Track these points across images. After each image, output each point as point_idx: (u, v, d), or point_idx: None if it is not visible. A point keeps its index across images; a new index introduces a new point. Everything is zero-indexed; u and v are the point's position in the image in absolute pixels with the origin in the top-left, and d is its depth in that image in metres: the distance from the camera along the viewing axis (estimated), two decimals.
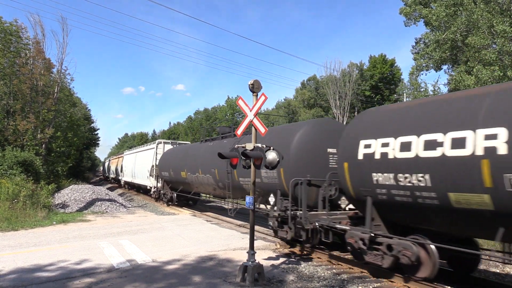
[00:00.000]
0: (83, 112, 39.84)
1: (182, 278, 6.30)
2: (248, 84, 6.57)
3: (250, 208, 6.53)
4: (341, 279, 6.69)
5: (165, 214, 16.18)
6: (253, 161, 6.45)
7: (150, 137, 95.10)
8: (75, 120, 29.67)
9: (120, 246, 8.74)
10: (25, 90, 20.24)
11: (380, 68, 46.83)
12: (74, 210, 15.98)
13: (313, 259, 8.22)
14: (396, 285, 6.43)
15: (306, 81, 54.57)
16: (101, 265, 6.99)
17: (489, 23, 16.43)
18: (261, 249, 8.63)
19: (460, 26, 18.39)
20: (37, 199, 13.84)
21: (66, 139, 25.14)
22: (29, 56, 21.83)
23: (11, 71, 20.77)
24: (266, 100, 6.53)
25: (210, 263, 7.36)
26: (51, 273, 6.49)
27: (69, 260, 7.33)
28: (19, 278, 6.19)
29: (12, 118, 20.54)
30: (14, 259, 7.43)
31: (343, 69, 44.29)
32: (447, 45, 19.73)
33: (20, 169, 16.12)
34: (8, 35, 20.89)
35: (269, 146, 6.71)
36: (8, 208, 12.46)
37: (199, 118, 70.77)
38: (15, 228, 11.12)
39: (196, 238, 9.95)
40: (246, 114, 6.66)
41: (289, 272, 7.00)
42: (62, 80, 24.13)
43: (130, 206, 19.11)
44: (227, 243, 9.21)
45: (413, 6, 21.81)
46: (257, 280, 6.08)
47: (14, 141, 19.36)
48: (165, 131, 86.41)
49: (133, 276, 6.38)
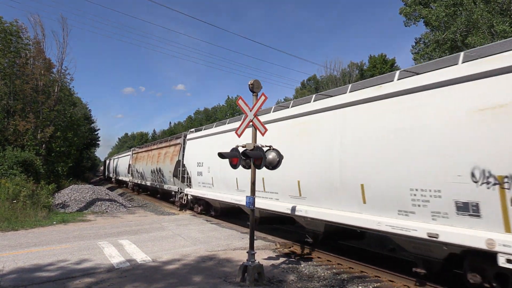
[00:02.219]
0: (83, 112, 39.87)
1: (182, 278, 6.31)
2: (248, 84, 6.58)
3: (250, 208, 6.54)
4: (341, 279, 6.69)
5: (165, 214, 16.18)
6: (253, 161, 6.45)
7: (150, 137, 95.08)
8: (75, 120, 29.67)
9: (120, 246, 8.74)
10: (27, 91, 20.27)
11: (380, 68, 46.79)
12: (74, 210, 15.98)
13: (313, 259, 8.22)
14: (396, 285, 6.44)
15: (306, 81, 54.71)
16: (101, 265, 6.99)
17: (489, 23, 16.46)
18: (261, 249, 8.63)
19: (460, 26, 18.41)
20: (37, 199, 13.84)
21: (66, 139, 25.13)
22: (29, 56, 21.84)
23: (11, 71, 20.79)
24: (266, 100, 6.53)
25: (210, 263, 7.36)
26: (51, 273, 6.50)
27: (69, 260, 7.33)
28: (19, 278, 6.19)
29: (12, 118, 20.56)
30: (14, 259, 7.44)
31: (343, 69, 44.45)
32: (447, 45, 19.75)
33: (20, 169, 16.13)
34: (8, 35, 20.91)
35: (269, 146, 6.72)
36: (8, 208, 12.46)
37: (199, 118, 70.91)
38: (15, 228, 11.13)
39: (196, 238, 9.95)
40: (246, 114, 6.66)
41: (289, 272, 7.00)
42: (62, 80, 24.15)
43: (130, 206, 19.10)
44: (227, 243, 9.21)
45: (413, 6, 21.82)
46: (257, 280, 6.08)
47: (14, 141, 19.37)
48: (165, 131, 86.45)
49: (133, 276, 6.39)
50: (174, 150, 17.45)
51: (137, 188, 28.46)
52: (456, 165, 4.86)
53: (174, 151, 17.51)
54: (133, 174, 27.99)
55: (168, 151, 18.44)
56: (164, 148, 19.41)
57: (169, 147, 18.59)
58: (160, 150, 20.06)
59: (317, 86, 50.99)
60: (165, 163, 18.46)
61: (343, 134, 6.84)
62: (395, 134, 5.73)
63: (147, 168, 22.53)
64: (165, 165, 18.32)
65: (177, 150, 17.04)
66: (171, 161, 17.40)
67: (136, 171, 26.63)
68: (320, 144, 7.38)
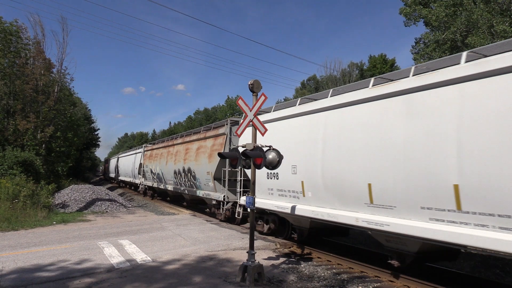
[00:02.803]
0: (83, 112, 39.82)
1: (182, 278, 6.31)
2: (248, 84, 6.58)
3: (250, 208, 6.54)
4: (341, 279, 6.69)
5: (165, 214, 16.18)
6: (253, 161, 6.45)
7: (150, 137, 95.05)
8: (75, 120, 29.65)
9: (120, 246, 8.74)
10: (27, 91, 20.27)
11: (380, 68, 46.73)
12: (74, 210, 15.98)
13: (313, 259, 8.23)
14: (396, 285, 6.44)
15: (306, 81, 54.68)
16: (101, 265, 6.99)
17: (489, 23, 16.46)
18: (261, 249, 8.63)
19: (460, 26, 18.40)
20: (37, 199, 13.84)
21: (66, 139, 25.12)
22: (29, 56, 21.84)
23: (11, 71, 20.78)
24: (266, 100, 6.53)
25: (210, 263, 7.36)
26: (51, 273, 6.50)
27: (69, 260, 7.33)
28: (19, 278, 6.19)
29: (12, 118, 20.56)
30: (14, 259, 7.43)
31: (343, 69, 44.41)
32: (447, 45, 19.74)
33: (20, 169, 16.12)
34: (8, 35, 20.91)
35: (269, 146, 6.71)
36: (8, 208, 12.46)
37: (199, 118, 70.91)
38: (15, 228, 11.13)
39: (196, 238, 9.95)
40: (246, 114, 6.66)
41: (289, 272, 7.00)
42: (62, 80, 24.14)
43: (130, 206, 19.09)
44: (227, 243, 9.21)
45: (413, 6, 21.80)
46: (257, 280, 6.08)
47: (14, 141, 19.37)
48: (165, 131, 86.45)
49: (133, 276, 6.39)
50: (215, 144, 13.18)
51: (151, 192, 24.07)
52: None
53: (214, 144, 13.26)
54: (146, 176, 24.21)
55: (204, 146, 14.20)
56: (196, 141, 15.22)
57: (205, 140, 14.26)
58: (189, 144, 15.92)
59: (317, 86, 50.95)
60: (198, 161, 14.34)
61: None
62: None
63: (167, 168, 18.63)
64: (199, 164, 14.27)
65: (219, 143, 12.80)
66: (210, 158, 13.23)
67: (150, 171, 22.61)
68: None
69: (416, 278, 6.34)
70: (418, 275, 6.47)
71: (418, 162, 5.46)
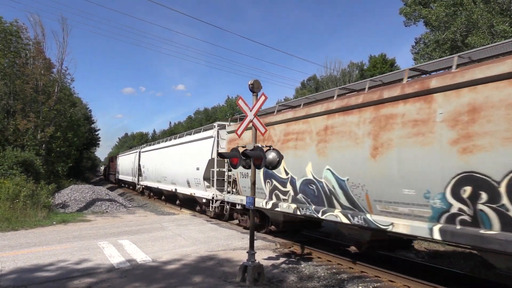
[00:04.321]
0: (83, 112, 39.82)
1: (182, 278, 6.31)
2: (248, 84, 6.58)
3: (251, 208, 6.54)
4: (341, 279, 6.69)
5: (165, 214, 16.18)
6: (253, 161, 6.45)
7: (150, 137, 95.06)
8: (75, 120, 29.63)
9: (120, 246, 8.74)
10: (27, 91, 20.26)
11: (380, 68, 46.68)
12: (74, 210, 15.98)
13: (313, 259, 8.23)
14: (396, 285, 6.44)
15: (306, 81, 54.69)
16: (101, 265, 6.99)
17: (489, 23, 16.44)
18: (261, 249, 8.63)
19: (460, 26, 18.39)
20: (37, 199, 13.83)
21: (66, 139, 25.12)
22: (29, 56, 21.83)
23: (11, 71, 20.78)
24: (266, 100, 6.53)
25: (210, 263, 7.36)
26: (51, 273, 6.50)
27: (69, 260, 7.33)
28: (19, 278, 6.19)
29: (12, 118, 20.55)
30: (14, 259, 7.43)
31: (343, 69, 44.39)
32: (447, 45, 19.72)
33: (20, 169, 16.11)
34: (8, 35, 20.90)
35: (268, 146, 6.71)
36: (8, 208, 12.46)
37: (199, 118, 70.87)
38: (15, 228, 11.13)
39: (196, 238, 9.95)
40: (246, 114, 6.66)
41: (289, 272, 7.00)
42: (62, 80, 24.13)
43: (130, 206, 19.10)
44: (227, 243, 9.21)
45: (413, 6, 21.79)
46: (257, 280, 6.08)
47: (14, 141, 19.36)
48: (165, 130, 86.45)
49: (133, 276, 6.39)
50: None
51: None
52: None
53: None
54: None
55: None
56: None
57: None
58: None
59: (317, 86, 50.95)
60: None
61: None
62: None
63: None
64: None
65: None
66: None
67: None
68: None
69: (416, 278, 6.34)
70: (418, 275, 6.47)
71: None
